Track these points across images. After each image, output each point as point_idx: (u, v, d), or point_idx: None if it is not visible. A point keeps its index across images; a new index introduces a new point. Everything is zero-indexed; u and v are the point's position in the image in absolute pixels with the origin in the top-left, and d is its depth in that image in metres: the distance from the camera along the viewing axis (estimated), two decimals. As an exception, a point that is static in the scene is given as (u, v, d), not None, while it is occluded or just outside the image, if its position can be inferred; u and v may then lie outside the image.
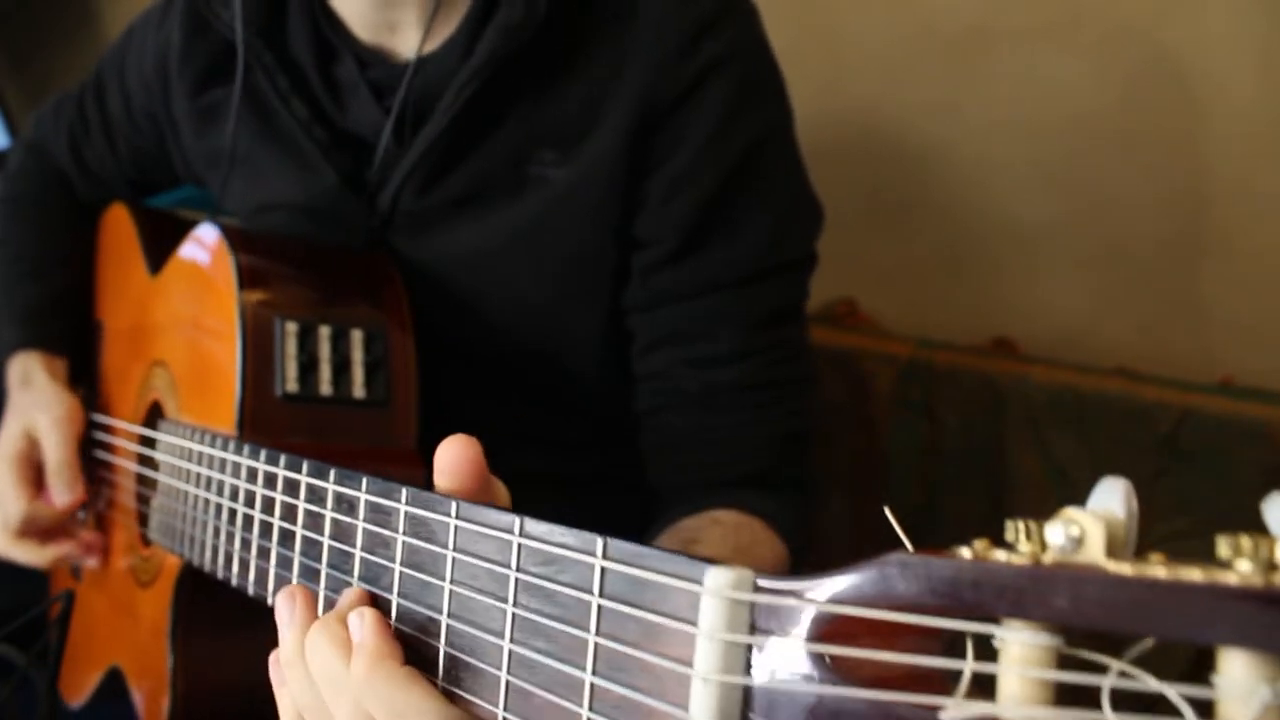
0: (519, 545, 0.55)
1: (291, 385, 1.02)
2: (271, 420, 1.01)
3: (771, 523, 1.06)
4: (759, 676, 0.43)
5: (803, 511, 1.11)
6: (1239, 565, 0.32)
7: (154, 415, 1.20)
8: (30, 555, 1.27)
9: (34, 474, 1.27)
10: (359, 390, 1.04)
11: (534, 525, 0.55)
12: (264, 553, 0.82)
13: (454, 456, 0.62)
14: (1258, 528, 0.33)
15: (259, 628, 1.05)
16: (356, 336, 1.06)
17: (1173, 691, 0.33)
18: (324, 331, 1.05)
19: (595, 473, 1.25)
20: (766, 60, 1.14)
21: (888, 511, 0.42)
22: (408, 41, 1.14)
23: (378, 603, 0.66)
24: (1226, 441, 1.46)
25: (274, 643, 1.06)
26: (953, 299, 1.80)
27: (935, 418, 1.66)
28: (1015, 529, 0.37)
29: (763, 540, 1.05)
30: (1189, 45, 1.58)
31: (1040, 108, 1.69)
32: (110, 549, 1.29)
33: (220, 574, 0.90)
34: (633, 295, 1.13)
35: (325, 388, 1.03)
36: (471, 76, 1.08)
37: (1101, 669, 0.35)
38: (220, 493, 0.91)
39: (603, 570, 0.50)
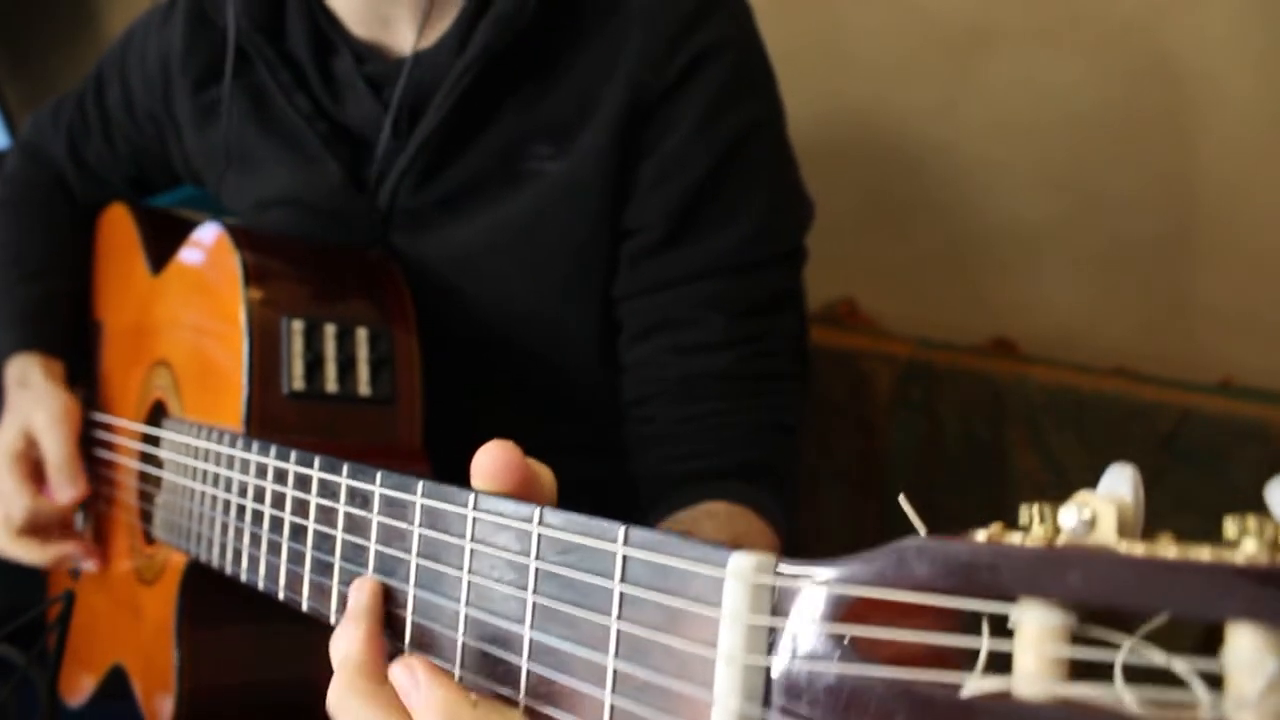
0: (538, 535, 0.55)
1: (298, 383, 1.02)
2: (278, 418, 1.01)
3: (763, 513, 1.06)
4: (781, 657, 0.44)
5: (789, 508, 1.12)
6: (1245, 544, 0.33)
7: (157, 415, 1.20)
8: (32, 554, 1.27)
9: (34, 471, 1.27)
10: (364, 388, 1.05)
11: (552, 515, 0.55)
12: (274, 548, 0.82)
13: (491, 463, 0.60)
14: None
15: (265, 624, 1.06)
16: (362, 334, 1.06)
17: (1183, 665, 0.34)
18: (329, 329, 1.05)
19: (601, 476, 1.25)
20: (757, 52, 1.15)
21: (903, 500, 0.43)
22: (401, 37, 1.15)
23: (392, 594, 0.66)
24: (1226, 441, 1.46)
25: (280, 639, 1.07)
26: (953, 299, 1.80)
27: (935, 418, 1.67)
28: (1029, 513, 0.38)
29: (756, 530, 1.05)
30: (1187, 45, 1.58)
31: (1039, 108, 1.70)
32: (111, 549, 1.30)
33: (229, 570, 0.91)
34: (622, 284, 1.14)
35: (331, 385, 1.04)
36: (465, 70, 1.09)
37: (1114, 646, 0.36)
38: (229, 489, 0.91)
39: (624, 558, 0.50)
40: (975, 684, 0.37)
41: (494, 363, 1.21)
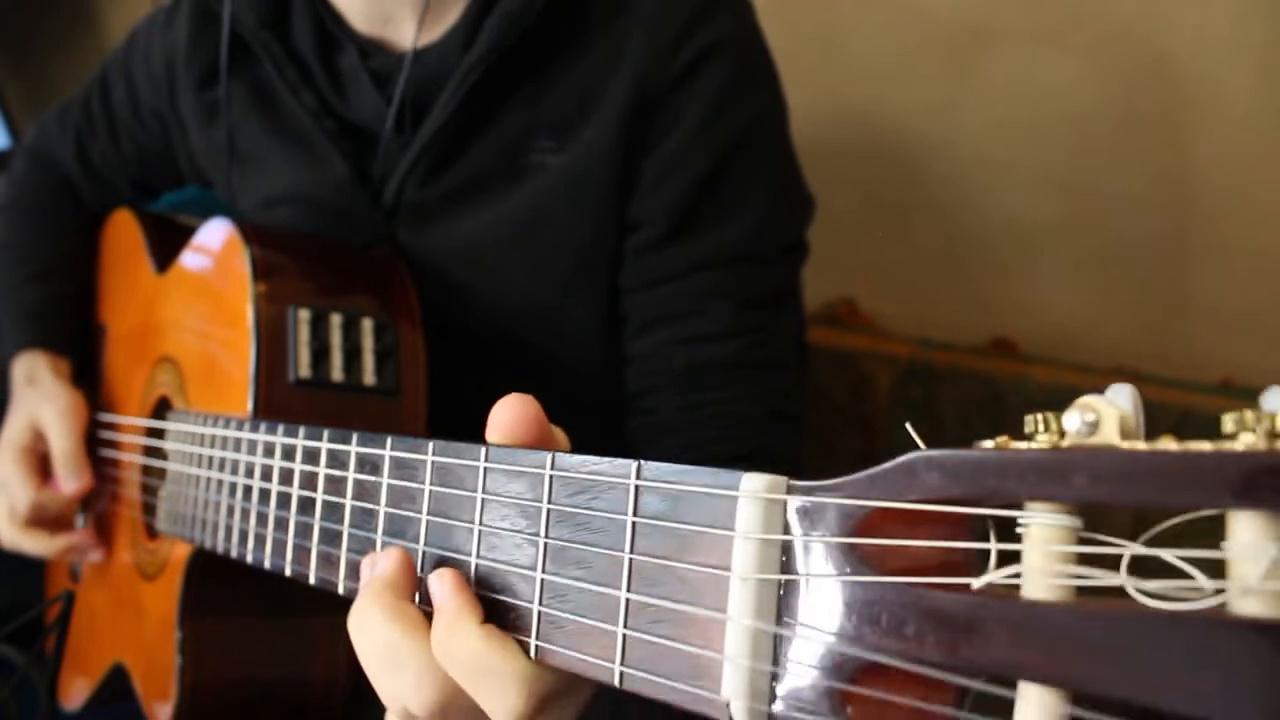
0: (550, 478, 0.56)
1: (304, 371, 1.03)
2: (284, 406, 1.02)
3: None
4: (794, 573, 0.44)
5: None
6: (1244, 436, 0.34)
7: (161, 411, 1.20)
8: (39, 545, 1.28)
9: (40, 464, 1.28)
10: (369, 377, 1.05)
11: (565, 459, 0.56)
12: (282, 524, 0.83)
13: (510, 416, 0.61)
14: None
15: (268, 619, 1.06)
16: (367, 325, 1.07)
17: (1179, 557, 0.34)
18: (335, 319, 1.06)
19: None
20: (759, 49, 1.16)
21: (908, 426, 0.43)
22: (405, 33, 1.15)
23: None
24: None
25: (282, 635, 1.07)
26: (953, 299, 1.81)
27: (935, 418, 1.67)
28: (1034, 421, 0.39)
29: None
30: (1187, 46, 1.59)
31: (1039, 108, 1.70)
32: (113, 547, 1.30)
33: (235, 552, 0.91)
34: (626, 278, 1.15)
35: (337, 374, 1.04)
36: (472, 67, 1.10)
37: (1119, 546, 0.36)
38: (235, 472, 0.92)
39: (637, 490, 0.51)
40: (984, 579, 0.37)
41: (499, 355, 1.21)
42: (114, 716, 1.24)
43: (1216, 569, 0.34)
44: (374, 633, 0.63)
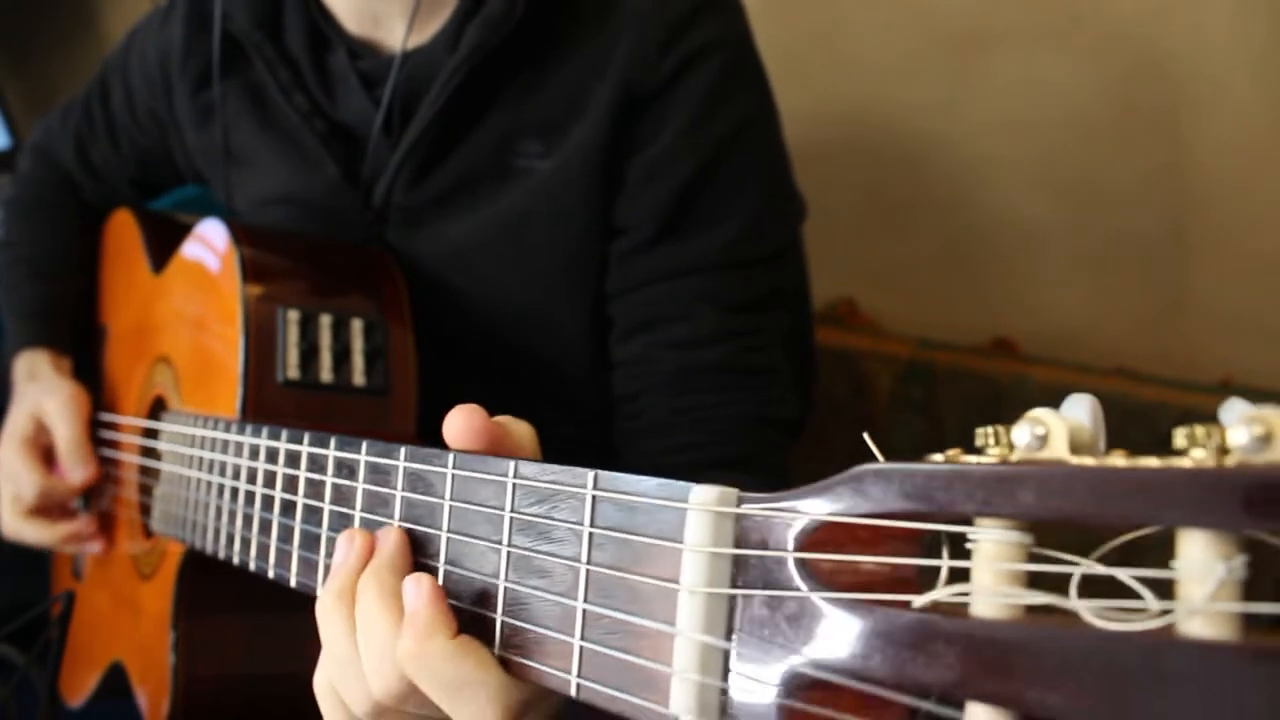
0: (513, 485, 0.56)
1: (293, 372, 1.03)
2: (273, 406, 1.02)
3: None
4: (743, 588, 0.44)
5: None
6: (1193, 453, 0.34)
7: (157, 410, 1.21)
8: (40, 534, 1.28)
9: (44, 455, 1.29)
10: (359, 378, 1.05)
11: (527, 466, 0.55)
12: (265, 527, 0.83)
13: (459, 428, 0.61)
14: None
15: (261, 616, 1.06)
16: (357, 326, 1.07)
17: (1130, 576, 0.34)
18: (325, 320, 1.05)
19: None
20: (748, 53, 1.15)
21: (866, 437, 0.43)
22: (394, 34, 1.15)
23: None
24: (1226, 441, 1.45)
25: (276, 633, 1.07)
26: (953, 299, 1.80)
27: (935, 418, 1.66)
28: (984, 434, 0.38)
29: None
30: (1187, 46, 1.58)
31: (1039, 108, 1.70)
32: (113, 546, 1.30)
33: (223, 554, 0.91)
34: (613, 281, 1.14)
35: (326, 375, 1.04)
36: (456, 69, 1.09)
37: (1070, 564, 0.36)
38: (222, 473, 0.92)
39: (594, 500, 0.50)
40: (926, 597, 0.37)
41: (488, 358, 1.21)
42: (114, 713, 1.24)
43: (1170, 586, 0.34)
44: (365, 610, 0.61)
